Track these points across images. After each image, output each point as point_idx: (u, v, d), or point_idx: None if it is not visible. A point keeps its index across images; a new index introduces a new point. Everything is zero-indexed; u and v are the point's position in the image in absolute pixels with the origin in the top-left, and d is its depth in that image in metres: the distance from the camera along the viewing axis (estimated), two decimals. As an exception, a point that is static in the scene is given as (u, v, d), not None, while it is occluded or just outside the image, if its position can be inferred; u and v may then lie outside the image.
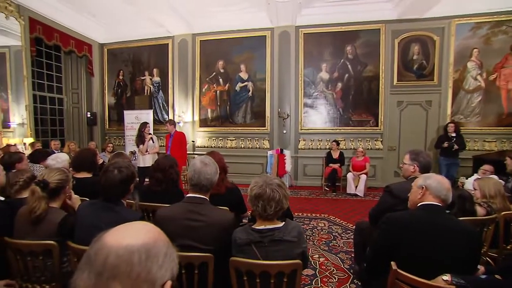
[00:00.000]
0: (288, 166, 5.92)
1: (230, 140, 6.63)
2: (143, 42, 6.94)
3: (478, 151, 5.49)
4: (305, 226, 3.72)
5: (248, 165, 6.39)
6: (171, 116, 6.84)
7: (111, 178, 1.48)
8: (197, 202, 1.49)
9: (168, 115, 6.93)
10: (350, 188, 5.44)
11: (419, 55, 5.77)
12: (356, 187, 5.40)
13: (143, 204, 2.11)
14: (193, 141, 6.70)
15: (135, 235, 0.52)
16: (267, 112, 6.33)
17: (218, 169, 1.62)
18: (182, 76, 6.73)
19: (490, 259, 2.01)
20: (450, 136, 5.14)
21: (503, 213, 1.99)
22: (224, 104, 6.61)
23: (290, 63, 6.14)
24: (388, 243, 1.39)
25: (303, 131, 6.26)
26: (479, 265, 1.40)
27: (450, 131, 5.15)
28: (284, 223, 1.37)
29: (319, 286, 2.34)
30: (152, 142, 4.95)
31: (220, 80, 6.59)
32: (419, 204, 1.45)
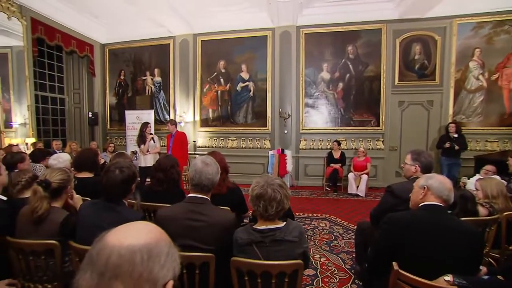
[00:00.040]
0: (289, 166, 5.92)
1: (231, 140, 6.63)
2: (144, 42, 6.96)
3: (480, 151, 5.47)
4: (306, 226, 3.71)
5: (249, 165, 6.39)
6: (172, 116, 6.85)
7: (113, 178, 1.48)
8: (198, 202, 1.49)
9: (169, 115, 6.94)
10: (351, 188, 5.43)
11: (420, 55, 5.75)
12: (357, 187, 5.40)
13: (144, 204, 2.11)
14: (194, 141, 6.71)
15: (137, 235, 0.53)
16: (268, 112, 6.33)
17: (219, 169, 1.61)
18: (183, 76, 6.74)
19: (492, 259, 2.00)
20: (451, 136, 5.12)
21: (505, 213, 1.98)
22: (225, 104, 6.62)
23: (291, 63, 6.13)
24: (389, 243, 1.39)
25: (304, 131, 6.26)
26: (481, 265, 1.40)
27: (451, 131, 5.14)
28: (285, 223, 1.36)
29: (320, 286, 2.34)
30: (153, 142, 4.96)
31: (221, 80, 6.60)
32: (421, 204, 1.44)
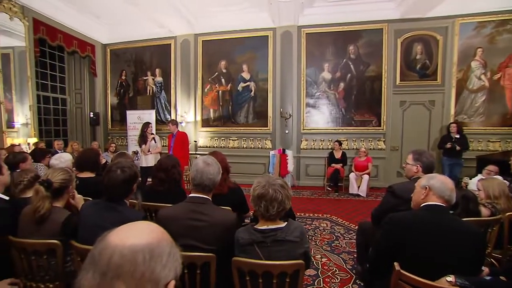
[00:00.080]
0: (290, 166, 5.91)
1: (232, 140, 6.63)
2: (145, 42, 6.97)
3: (482, 151, 5.45)
4: (307, 226, 3.71)
5: (250, 165, 6.39)
6: (173, 116, 6.85)
7: (114, 178, 1.49)
8: (199, 202, 1.49)
9: (170, 115, 6.95)
10: (353, 188, 5.42)
11: (422, 54, 5.73)
12: (358, 187, 5.39)
13: (145, 203, 2.12)
14: (195, 141, 6.71)
15: (139, 235, 0.53)
16: (269, 112, 6.33)
17: (221, 169, 1.62)
18: (184, 76, 6.75)
19: (494, 260, 2.00)
20: (452, 137, 5.10)
21: (507, 214, 1.97)
22: (226, 104, 6.62)
23: (292, 63, 6.13)
24: (390, 243, 1.38)
25: (305, 131, 6.25)
26: (483, 266, 1.39)
27: (452, 132, 5.12)
28: (286, 223, 1.36)
29: (322, 286, 2.34)
30: (154, 142, 4.97)
31: (222, 80, 6.60)
32: (423, 205, 1.44)
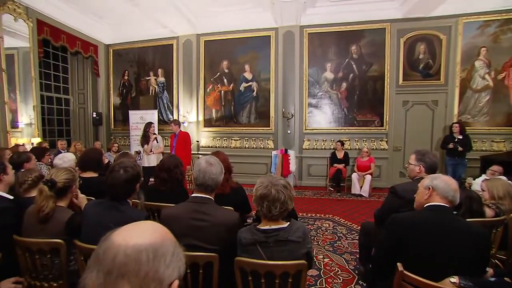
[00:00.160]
0: (293, 166, 5.90)
1: (235, 140, 6.64)
2: (148, 42, 7.00)
3: (486, 151, 5.40)
4: (309, 226, 3.70)
5: (253, 165, 6.39)
6: (175, 116, 6.87)
7: (117, 178, 1.49)
8: (202, 202, 1.50)
9: (172, 115, 6.97)
10: (355, 188, 5.40)
11: (425, 54, 5.69)
12: (361, 187, 5.36)
13: (148, 203, 2.12)
14: (197, 141, 6.73)
15: (143, 235, 0.53)
16: (272, 112, 6.33)
17: (223, 169, 1.62)
18: (186, 76, 6.77)
19: (499, 261, 1.98)
20: (455, 137, 5.06)
21: (512, 214, 1.96)
22: (229, 104, 6.62)
23: (294, 63, 6.12)
24: (393, 243, 1.38)
25: (307, 131, 6.24)
26: (488, 267, 1.38)
27: (455, 132, 5.08)
28: (289, 223, 1.36)
29: (324, 286, 2.33)
30: (156, 142, 4.98)
31: (225, 80, 6.60)
32: (426, 205, 1.43)
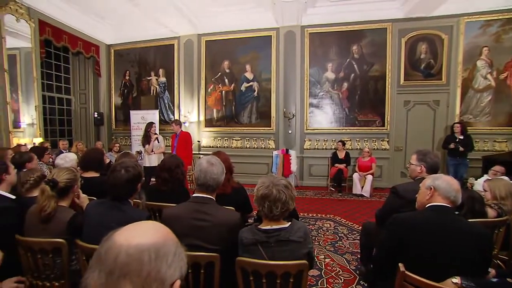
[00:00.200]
0: (294, 166, 5.90)
1: (236, 140, 6.64)
2: (149, 42, 7.01)
3: (488, 151, 5.37)
4: (310, 226, 3.70)
5: (254, 165, 6.39)
6: (176, 116, 6.88)
7: (119, 178, 1.50)
8: (203, 202, 1.50)
9: (173, 115, 6.97)
10: (356, 188, 5.39)
11: (426, 54, 5.68)
12: (362, 187, 5.35)
13: (149, 203, 2.13)
14: (198, 141, 6.73)
15: (145, 234, 0.53)
16: (273, 112, 6.32)
17: (224, 169, 1.62)
18: (187, 76, 6.77)
19: (501, 262, 1.97)
20: (456, 137, 5.04)
21: (514, 215, 1.95)
22: (230, 104, 6.63)
23: (295, 63, 6.11)
24: (394, 243, 1.37)
25: (308, 131, 6.23)
26: (490, 268, 1.37)
27: (456, 132, 5.06)
28: (290, 223, 1.36)
29: (325, 287, 2.33)
30: (157, 142, 4.99)
31: (226, 80, 6.61)
32: (428, 205, 1.43)
